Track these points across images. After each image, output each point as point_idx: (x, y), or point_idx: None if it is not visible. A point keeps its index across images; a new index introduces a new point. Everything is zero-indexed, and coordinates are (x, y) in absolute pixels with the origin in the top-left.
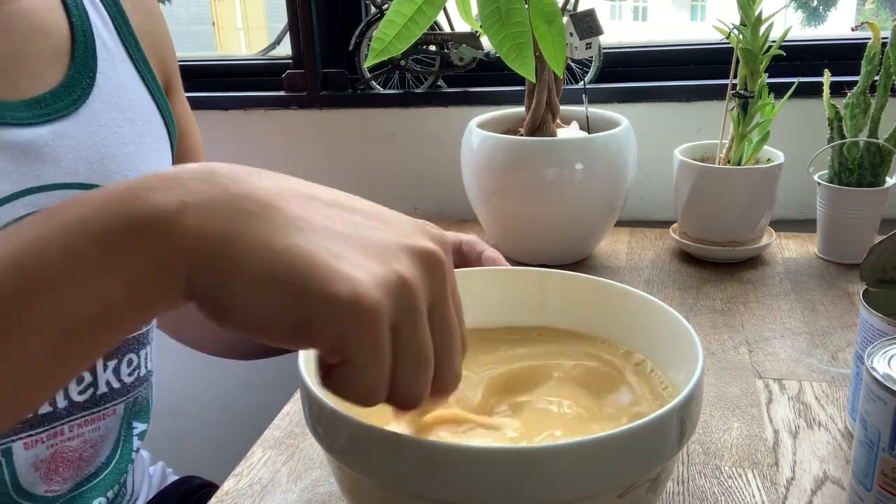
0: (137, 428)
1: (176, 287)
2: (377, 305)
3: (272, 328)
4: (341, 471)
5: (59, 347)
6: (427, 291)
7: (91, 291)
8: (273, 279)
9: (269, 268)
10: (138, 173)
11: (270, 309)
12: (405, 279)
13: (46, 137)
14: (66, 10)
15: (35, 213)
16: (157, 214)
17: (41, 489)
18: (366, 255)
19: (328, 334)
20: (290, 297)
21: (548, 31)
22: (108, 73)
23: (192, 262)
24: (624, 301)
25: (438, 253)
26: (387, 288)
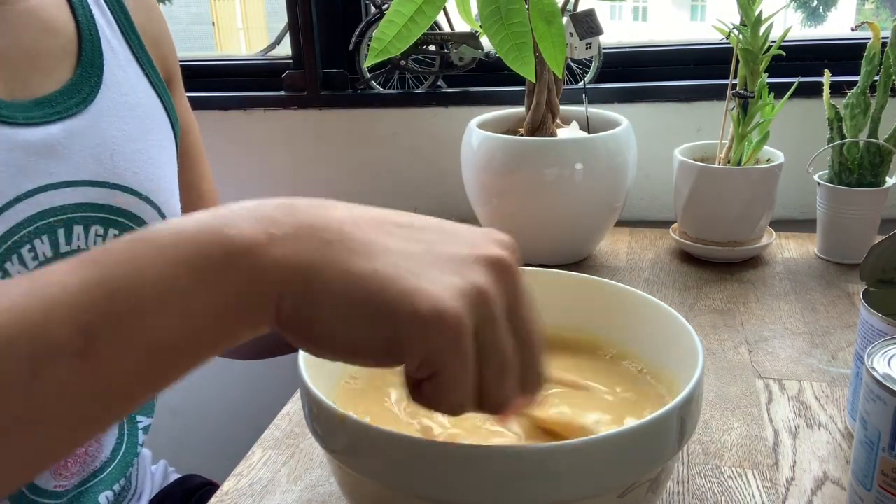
0: (142, 422)
1: (262, 314)
2: (459, 317)
3: (362, 350)
4: (341, 471)
5: (145, 367)
6: (502, 297)
7: (181, 314)
8: (359, 304)
9: (352, 293)
10: (148, 170)
11: (359, 332)
12: (481, 289)
13: (58, 136)
14: (71, 9)
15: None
16: (247, 244)
17: (51, 484)
18: (442, 271)
19: (416, 351)
20: (376, 319)
21: (548, 31)
22: (115, 72)
23: (279, 291)
24: (624, 301)
25: (508, 259)
26: (466, 299)
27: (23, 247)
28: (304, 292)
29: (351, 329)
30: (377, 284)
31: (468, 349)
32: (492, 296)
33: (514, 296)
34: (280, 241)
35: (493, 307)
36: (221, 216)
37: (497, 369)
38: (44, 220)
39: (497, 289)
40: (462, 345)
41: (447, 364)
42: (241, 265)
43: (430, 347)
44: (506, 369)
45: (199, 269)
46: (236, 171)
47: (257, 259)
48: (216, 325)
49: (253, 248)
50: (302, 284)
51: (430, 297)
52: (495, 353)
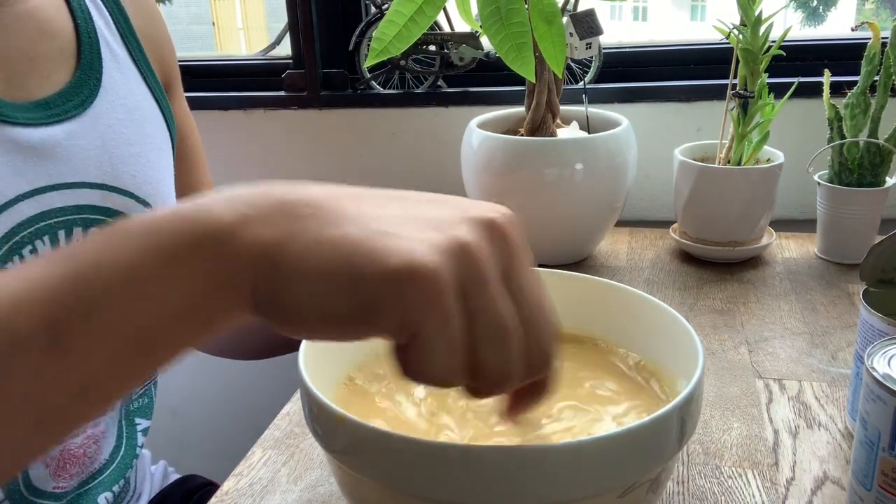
0: (141, 424)
1: (239, 300)
2: (435, 271)
3: (338, 321)
4: (341, 471)
5: (118, 360)
6: (494, 256)
7: (156, 304)
8: (326, 271)
9: (322, 262)
10: (146, 172)
11: (330, 302)
12: (466, 243)
13: (58, 137)
14: (70, 11)
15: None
16: (219, 226)
17: (50, 486)
18: (419, 229)
19: (391, 312)
20: (347, 285)
21: (548, 31)
22: (113, 75)
23: (254, 274)
24: (624, 301)
25: (502, 221)
26: (445, 254)
27: (24, 247)
28: (275, 270)
29: (323, 300)
30: (345, 248)
31: (449, 306)
32: (479, 252)
33: (510, 258)
34: (253, 221)
35: (479, 264)
36: (196, 203)
37: (492, 335)
38: (45, 220)
39: (486, 247)
40: (441, 300)
41: (425, 323)
42: (213, 249)
43: (405, 307)
44: (500, 337)
45: (171, 255)
46: (236, 171)
47: (229, 241)
48: (191, 312)
49: (225, 231)
50: (273, 262)
51: (402, 251)
52: (488, 317)
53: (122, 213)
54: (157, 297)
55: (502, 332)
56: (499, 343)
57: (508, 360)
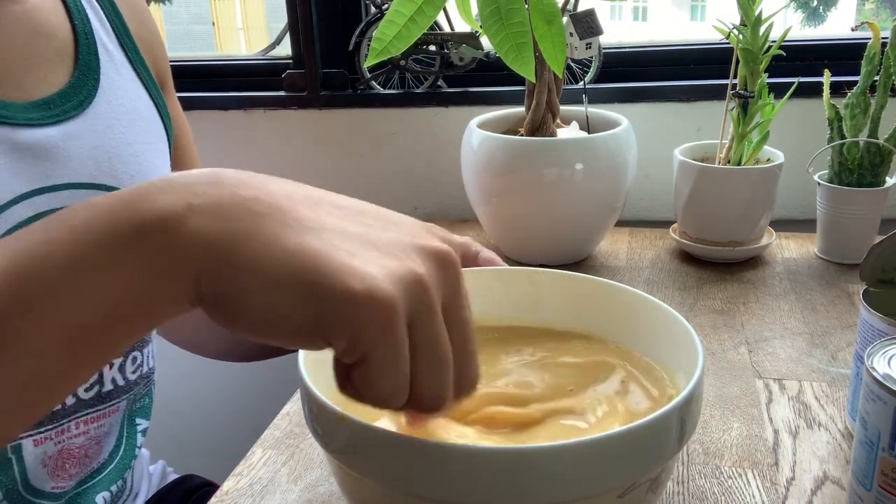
0: (141, 425)
1: (183, 291)
2: (392, 299)
3: (285, 329)
4: (341, 471)
5: (63, 353)
6: (440, 289)
7: (95, 295)
8: (284, 279)
9: (280, 268)
10: (144, 173)
11: (282, 309)
12: (419, 275)
13: (56, 138)
14: (67, 12)
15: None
16: (162, 216)
17: (48, 485)
18: (379, 254)
19: (343, 331)
20: (302, 295)
21: (548, 31)
22: (110, 75)
23: (199, 265)
24: (624, 301)
25: (450, 252)
26: (401, 283)
27: None
28: (226, 265)
29: (274, 306)
30: (307, 259)
31: (400, 334)
32: (430, 285)
33: (452, 290)
34: (200, 212)
35: (430, 297)
36: (140, 189)
37: (431, 362)
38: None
39: (436, 279)
40: (393, 328)
41: (376, 348)
42: (156, 239)
43: (359, 328)
44: (441, 363)
45: (110, 245)
46: None
47: (172, 231)
48: (133, 304)
49: (168, 220)
50: (224, 257)
51: (363, 275)
52: (430, 345)
53: None
54: (96, 289)
55: (441, 362)
56: (437, 368)
57: (444, 387)
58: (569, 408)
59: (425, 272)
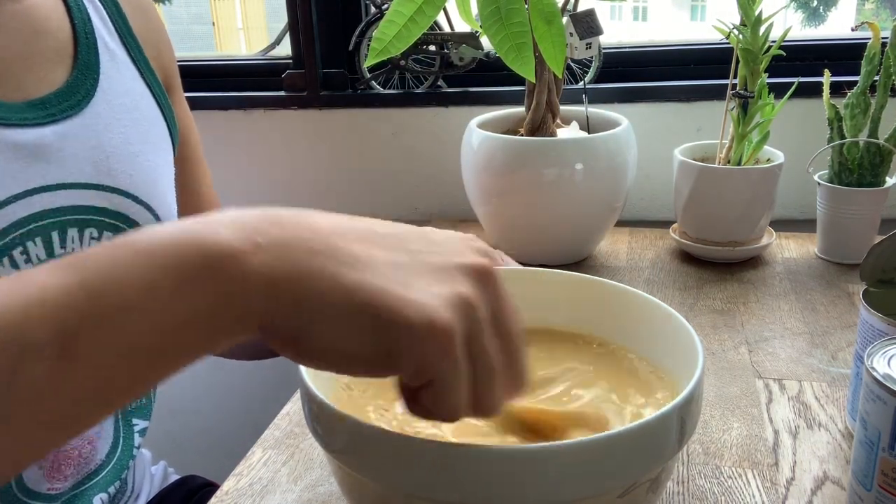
0: (138, 425)
1: (245, 323)
2: (450, 326)
3: (356, 361)
4: (341, 471)
5: (123, 372)
6: (486, 305)
7: (161, 320)
8: (351, 315)
9: (346, 305)
10: (144, 173)
11: (352, 344)
12: (467, 297)
13: (52, 138)
14: (68, 11)
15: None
16: (231, 252)
17: (44, 487)
18: (429, 281)
19: (409, 360)
20: (369, 330)
21: (548, 31)
22: (111, 75)
23: (265, 301)
24: (624, 301)
25: (488, 266)
26: (454, 307)
27: (15, 249)
28: (293, 302)
29: (343, 340)
30: (368, 296)
31: (459, 356)
32: (476, 303)
33: (496, 301)
34: (265, 250)
35: (479, 315)
36: (204, 223)
37: (486, 373)
38: (37, 222)
39: (480, 296)
40: (453, 352)
41: (440, 371)
42: (224, 272)
43: (423, 356)
44: (494, 374)
45: (181, 274)
46: (236, 171)
47: (241, 266)
48: (197, 331)
49: (237, 256)
50: (292, 294)
51: (421, 307)
52: (484, 358)
53: (118, 213)
54: (164, 314)
55: (494, 370)
56: (491, 378)
57: (498, 394)
58: (564, 407)
59: (471, 291)
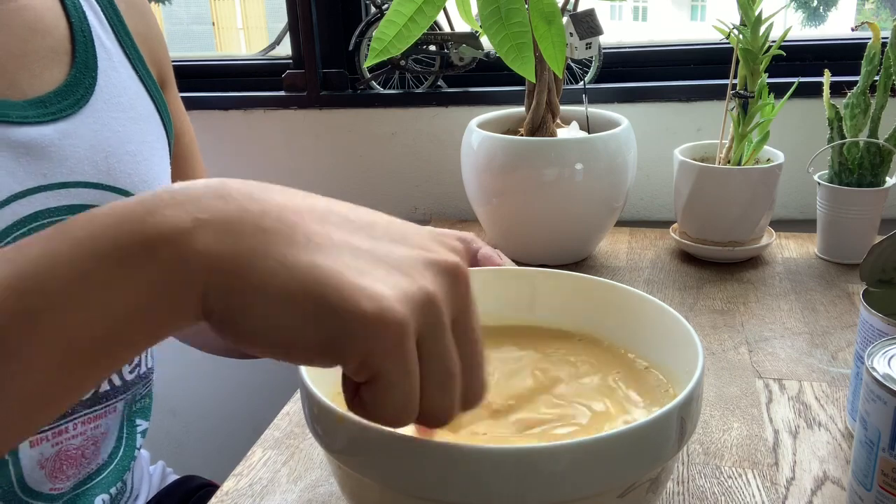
0: (140, 425)
1: (189, 307)
2: (402, 320)
3: (296, 348)
4: (341, 471)
5: (65, 367)
6: (450, 305)
7: (98, 310)
8: (296, 298)
9: (291, 287)
10: (141, 171)
11: (294, 329)
12: (430, 293)
13: (52, 136)
14: (64, 9)
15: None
16: (168, 231)
17: (46, 487)
18: (389, 271)
19: (354, 351)
20: (313, 315)
21: (548, 31)
22: (108, 73)
23: (207, 282)
24: (624, 301)
25: (460, 265)
26: (412, 303)
27: None
28: (235, 283)
29: (285, 325)
30: (317, 278)
31: (410, 354)
32: (440, 302)
33: (462, 304)
34: (207, 227)
35: (439, 314)
36: (144, 203)
37: (439, 379)
38: (38, 221)
39: (446, 296)
40: (404, 349)
41: (387, 368)
42: (163, 255)
43: (370, 349)
44: (449, 379)
45: (117, 261)
46: (236, 172)
47: (180, 247)
48: (138, 320)
49: (175, 236)
50: (230, 275)
51: (374, 296)
52: (438, 363)
53: None
54: (101, 304)
55: (449, 375)
56: (445, 384)
57: (452, 399)
58: (564, 407)
59: (435, 289)
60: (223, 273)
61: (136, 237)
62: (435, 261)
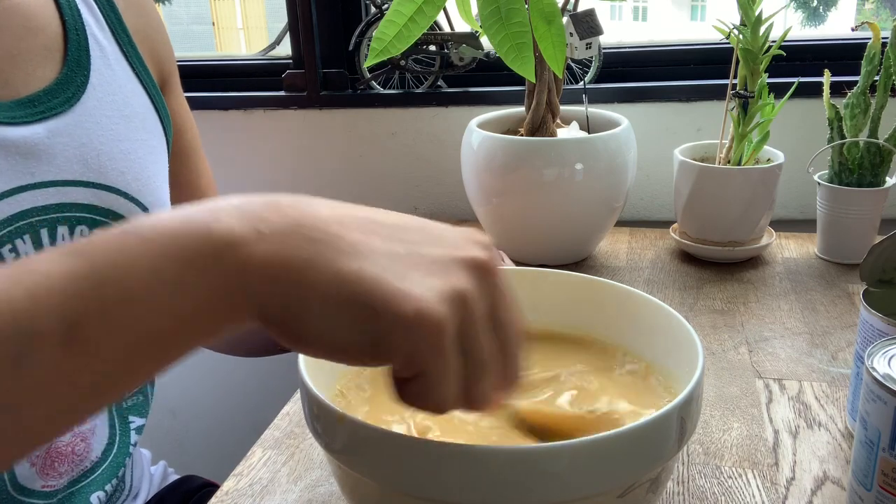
0: (134, 422)
1: (246, 310)
2: (441, 319)
3: (348, 350)
4: (341, 471)
5: (128, 358)
6: (483, 299)
7: (166, 306)
8: (345, 304)
9: (341, 294)
10: (135, 170)
11: (344, 332)
12: (462, 291)
13: (41, 135)
14: (58, 8)
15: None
16: (234, 239)
17: (38, 484)
18: (425, 273)
19: (400, 351)
20: (361, 319)
21: (548, 31)
22: (102, 71)
23: (265, 288)
24: (624, 301)
25: (489, 261)
26: (447, 301)
27: (3, 246)
28: (292, 290)
29: (337, 328)
30: (364, 285)
31: (450, 349)
32: (472, 297)
33: (494, 296)
34: (267, 238)
35: (473, 308)
36: (208, 211)
37: (478, 368)
38: (25, 219)
39: (478, 290)
40: (444, 345)
41: (430, 363)
42: (228, 260)
43: (413, 348)
44: (486, 368)
45: (187, 262)
46: (236, 171)
47: (244, 254)
48: (201, 318)
49: (240, 244)
50: (290, 282)
51: (414, 299)
52: (477, 353)
53: (109, 211)
54: (170, 300)
55: (486, 364)
56: (482, 373)
57: (490, 386)
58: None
59: (467, 285)
60: (280, 281)
61: (203, 241)
62: (465, 259)
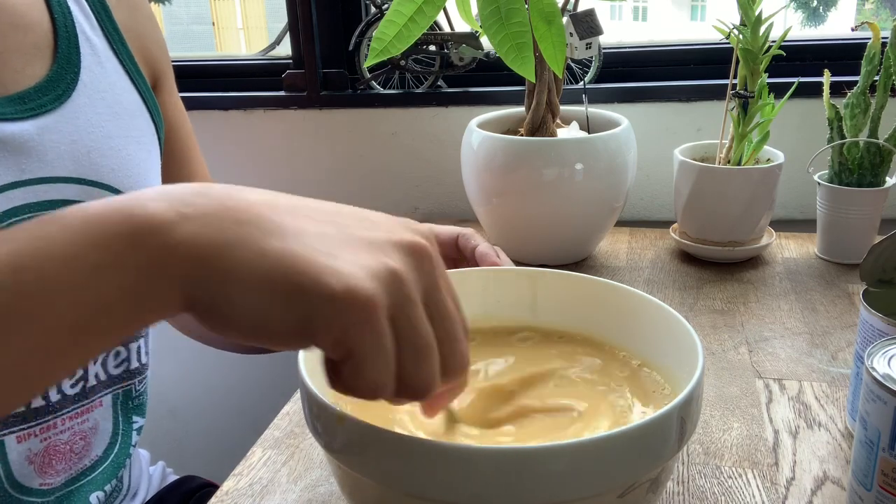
0: (137, 422)
1: (170, 295)
2: (371, 296)
3: (272, 331)
4: (341, 471)
5: (51, 348)
6: (419, 281)
7: (87, 292)
8: (269, 282)
9: (265, 272)
10: (126, 167)
11: (269, 312)
12: (395, 270)
13: (31, 132)
14: (47, 5)
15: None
16: (154, 223)
17: (36, 482)
18: (357, 252)
19: (328, 330)
20: (286, 298)
21: (548, 31)
22: (93, 69)
23: (188, 271)
24: (624, 301)
25: (425, 244)
26: (379, 280)
27: None
28: (214, 271)
29: (263, 308)
30: (288, 263)
31: (381, 328)
32: (406, 278)
33: (430, 280)
34: (190, 220)
35: (407, 289)
36: (132, 197)
37: (414, 352)
38: (16, 216)
39: (413, 273)
40: (374, 323)
41: (360, 343)
42: (149, 243)
43: (342, 326)
44: (423, 353)
45: (106, 248)
46: (236, 171)
47: (165, 238)
48: (124, 305)
49: (161, 227)
50: (212, 263)
51: (342, 275)
52: (411, 336)
53: None
54: (89, 288)
55: (424, 350)
56: (420, 359)
57: (429, 373)
58: (563, 406)
59: (401, 266)
60: (203, 263)
61: (124, 226)
62: (400, 241)
